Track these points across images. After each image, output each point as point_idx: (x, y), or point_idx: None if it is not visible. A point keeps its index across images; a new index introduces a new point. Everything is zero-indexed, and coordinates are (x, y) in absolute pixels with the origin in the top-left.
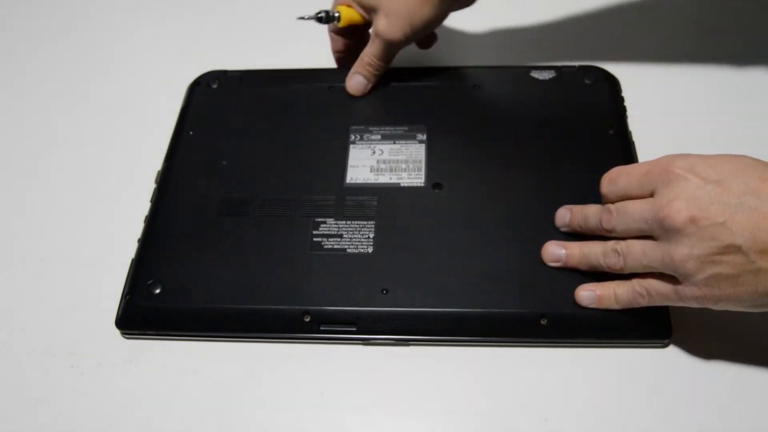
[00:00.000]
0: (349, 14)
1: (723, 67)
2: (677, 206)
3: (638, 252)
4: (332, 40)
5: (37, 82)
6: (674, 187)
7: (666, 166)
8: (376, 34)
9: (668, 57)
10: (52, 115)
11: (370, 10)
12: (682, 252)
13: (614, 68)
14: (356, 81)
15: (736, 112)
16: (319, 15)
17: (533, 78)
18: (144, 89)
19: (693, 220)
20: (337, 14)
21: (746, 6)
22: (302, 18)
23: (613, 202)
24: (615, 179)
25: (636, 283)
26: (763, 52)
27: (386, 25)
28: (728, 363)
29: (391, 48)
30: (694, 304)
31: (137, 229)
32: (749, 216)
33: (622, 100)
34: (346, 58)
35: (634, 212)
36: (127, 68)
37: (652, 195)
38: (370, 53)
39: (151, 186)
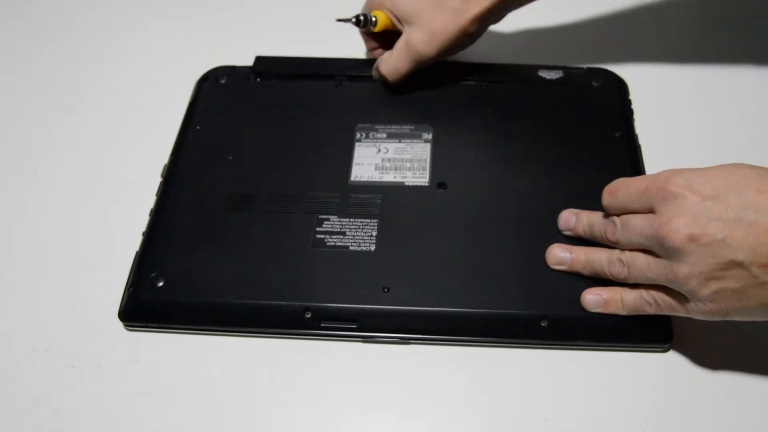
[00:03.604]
0: (384, 20)
1: (731, 70)
2: (676, 225)
3: (642, 265)
4: (366, 40)
5: (45, 76)
6: (672, 205)
7: (663, 183)
8: (408, 46)
9: (676, 60)
10: (60, 110)
11: (406, 22)
12: (684, 270)
13: (622, 71)
14: (376, 76)
15: (743, 116)
16: (358, 18)
17: (541, 77)
18: (153, 84)
19: (692, 239)
20: (374, 19)
21: (754, 9)
22: (341, 20)
23: (615, 215)
24: (615, 192)
25: (644, 292)
26: None
27: (423, 41)
28: (728, 368)
29: (421, 63)
30: (703, 318)
31: (142, 224)
32: (749, 231)
33: (629, 102)
34: (380, 54)
35: (636, 228)
36: (136, 63)
37: (652, 210)
38: (394, 64)
39: (157, 180)
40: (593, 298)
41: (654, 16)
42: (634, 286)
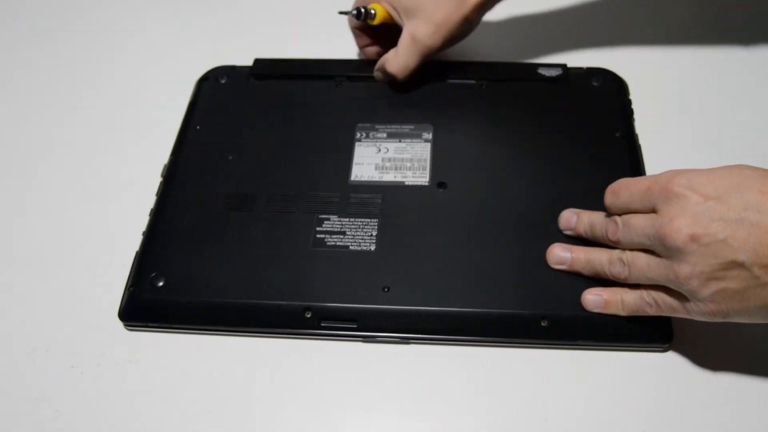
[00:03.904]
0: (383, 12)
1: (731, 70)
2: (677, 225)
3: (643, 265)
4: (357, 36)
5: (45, 76)
6: (674, 205)
7: (666, 183)
8: (415, 40)
9: (677, 60)
10: (60, 110)
11: (407, 15)
12: (685, 270)
13: (622, 71)
14: (380, 77)
15: (743, 116)
16: (359, 11)
17: (540, 74)
18: (153, 84)
19: (694, 238)
20: (372, 12)
21: (755, 9)
22: (343, 13)
23: (617, 215)
24: (617, 192)
25: (645, 293)
26: None
27: (429, 34)
28: (728, 368)
29: (428, 56)
30: (704, 319)
31: (142, 224)
32: (750, 231)
33: (629, 102)
34: (373, 51)
35: (638, 227)
36: (136, 63)
37: (654, 210)
38: (402, 61)
39: (157, 180)
40: (593, 299)
41: (654, 16)
42: (635, 286)
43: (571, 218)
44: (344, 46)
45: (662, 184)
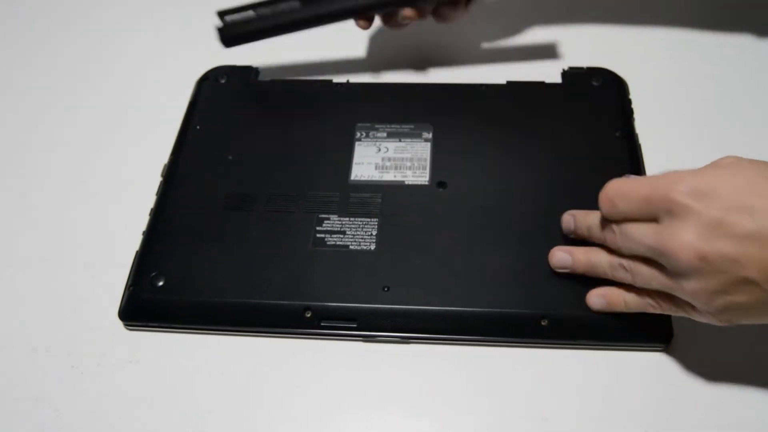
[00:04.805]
0: None
1: (732, 69)
2: (683, 242)
3: (647, 275)
4: None
5: (45, 76)
6: (678, 218)
7: (667, 192)
8: None
9: (677, 59)
10: (60, 110)
11: None
12: (692, 286)
13: (622, 70)
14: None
15: (744, 115)
16: None
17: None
18: (153, 84)
19: (702, 258)
20: None
21: (755, 8)
22: None
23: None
24: (614, 201)
25: (649, 298)
26: None
27: None
28: (728, 367)
29: None
30: (710, 323)
31: (142, 224)
32: (761, 246)
33: (629, 102)
34: None
35: (637, 237)
36: (136, 63)
37: (655, 219)
38: None
39: (157, 180)
40: (597, 300)
41: (654, 15)
42: (639, 288)
43: (569, 221)
44: (345, 46)
45: (663, 193)
